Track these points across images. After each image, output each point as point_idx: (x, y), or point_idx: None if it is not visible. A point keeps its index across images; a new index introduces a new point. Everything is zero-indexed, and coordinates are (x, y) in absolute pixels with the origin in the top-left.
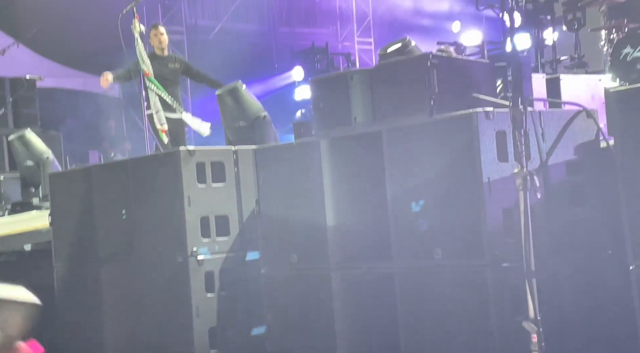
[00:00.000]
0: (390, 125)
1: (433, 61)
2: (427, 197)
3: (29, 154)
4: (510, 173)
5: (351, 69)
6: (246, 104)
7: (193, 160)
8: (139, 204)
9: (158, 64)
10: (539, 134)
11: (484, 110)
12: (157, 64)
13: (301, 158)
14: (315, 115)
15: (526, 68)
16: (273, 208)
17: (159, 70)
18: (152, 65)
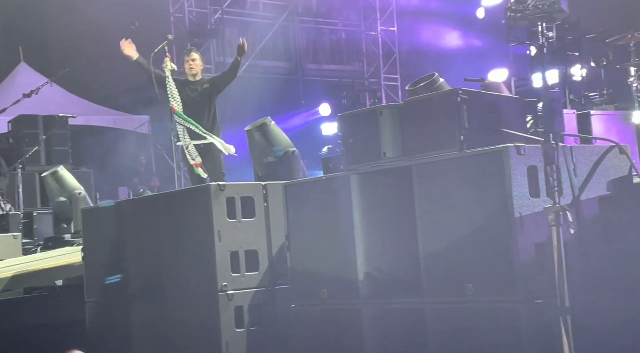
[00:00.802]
0: (420, 160)
1: (463, 96)
2: (458, 232)
3: (61, 190)
4: (542, 208)
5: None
6: (275, 139)
7: (223, 195)
8: (169, 239)
9: (189, 90)
10: (570, 170)
11: (515, 145)
12: (188, 90)
13: (331, 193)
14: (345, 150)
15: (557, 103)
16: (302, 243)
17: (190, 96)
18: (183, 91)
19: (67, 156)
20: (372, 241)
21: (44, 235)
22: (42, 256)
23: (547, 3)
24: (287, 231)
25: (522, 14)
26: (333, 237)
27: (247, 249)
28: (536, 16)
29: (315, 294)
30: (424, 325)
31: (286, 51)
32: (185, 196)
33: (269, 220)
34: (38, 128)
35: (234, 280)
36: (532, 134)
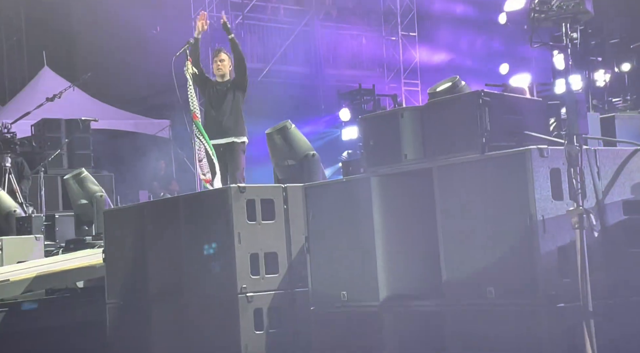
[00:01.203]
0: (441, 162)
1: (485, 98)
2: (479, 235)
3: (83, 193)
4: (565, 211)
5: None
6: (295, 142)
7: (243, 197)
8: (189, 241)
9: (215, 91)
10: (594, 172)
11: (538, 147)
12: (214, 91)
13: (351, 195)
14: (365, 152)
15: (581, 105)
16: (322, 245)
17: (216, 97)
18: (210, 93)
19: (89, 160)
20: (392, 243)
21: (65, 237)
22: (63, 258)
23: (572, 4)
24: (307, 233)
25: (545, 14)
26: (353, 239)
27: (267, 251)
28: (560, 17)
29: (335, 297)
30: (444, 328)
31: (306, 56)
32: (205, 198)
33: (288, 222)
34: (60, 132)
35: (253, 282)
36: (555, 136)
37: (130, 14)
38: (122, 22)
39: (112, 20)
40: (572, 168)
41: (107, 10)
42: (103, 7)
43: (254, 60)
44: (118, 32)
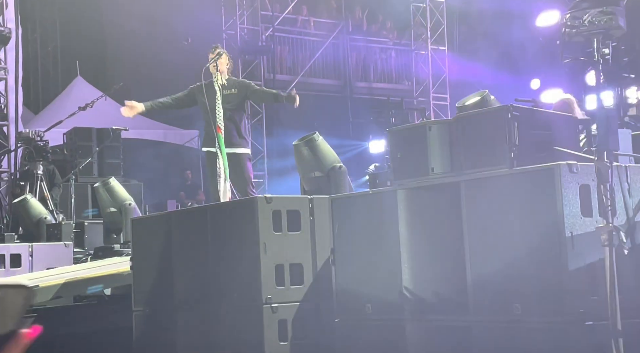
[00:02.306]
0: (469, 176)
1: (514, 113)
2: (506, 250)
3: (112, 201)
4: (594, 228)
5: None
6: (322, 154)
7: (269, 208)
8: (215, 250)
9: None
10: (624, 189)
11: (567, 163)
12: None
13: (377, 207)
14: (393, 165)
15: (612, 121)
16: (348, 257)
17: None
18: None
19: (119, 168)
20: (418, 257)
21: (94, 244)
22: (91, 265)
23: (604, 19)
24: (333, 245)
25: (577, 30)
26: (378, 252)
27: (292, 262)
28: (592, 32)
29: (360, 309)
30: (470, 343)
31: (336, 69)
32: (232, 208)
33: (314, 234)
34: (92, 141)
35: (278, 293)
36: (585, 152)
37: (163, 25)
38: (154, 33)
39: (144, 31)
40: (602, 185)
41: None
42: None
43: (283, 72)
44: (150, 43)
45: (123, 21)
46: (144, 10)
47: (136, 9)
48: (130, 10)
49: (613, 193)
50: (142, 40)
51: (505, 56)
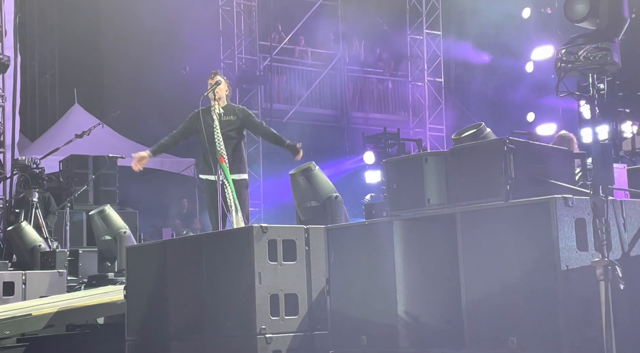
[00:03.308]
0: (465, 208)
1: (510, 146)
2: (502, 283)
3: (107, 229)
4: (590, 262)
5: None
6: (318, 184)
7: (265, 237)
8: (210, 279)
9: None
10: (620, 224)
11: (563, 196)
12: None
13: (373, 238)
14: (389, 196)
15: (607, 156)
16: (343, 288)
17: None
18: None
19: (114, 196)
20: (413, 288)
21: (88, 272)
22: (85, 294)
23: (599, 54)
24: (328, 275)
25: (572, 65)
26: (374, 283)
27: (287, 292)
28: (587, 68)
29: (355, 341)
30: None
31: (333, 99)
32: (227, 237)
33: (310, 264)
34: (88, 168)
35: (273, 324)
36: (580, 186)
37: (161, 54)
38: (152, 61)
39: (142, 59)
40: (598, 219)
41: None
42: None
43: (280, 101)
44: (148, 71)
45: (121, 50)
46: (142, 39)
47: (134, 38)
48: (128, 39)
49: (609, 227)
50: (139, 68)
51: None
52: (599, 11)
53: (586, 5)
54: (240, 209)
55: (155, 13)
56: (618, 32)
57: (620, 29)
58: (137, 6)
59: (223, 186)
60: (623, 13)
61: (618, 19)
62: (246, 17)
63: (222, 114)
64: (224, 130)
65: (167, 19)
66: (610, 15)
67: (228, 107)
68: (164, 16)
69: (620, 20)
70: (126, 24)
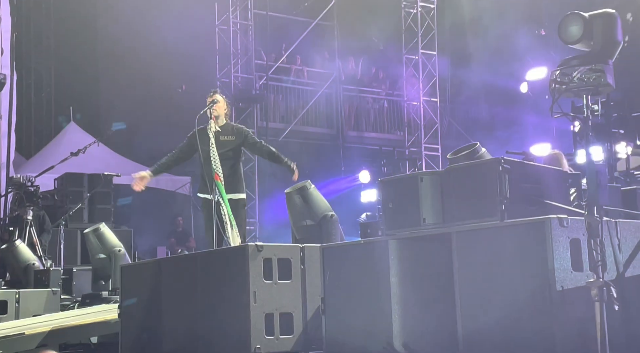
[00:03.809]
0: (460, 228)
1: (505, 166)
2: (497, 303)
3: (102, 247)
4: (584, 283)
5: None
6: (314, 203)
7: (260, 256)
8: (205, 298)
9: (215, 138)
10: (615, 245)
11: (558, 217)
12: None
13: (369, 257)
14: (384, 215)
15: (602, 176)
16: (338, 307)
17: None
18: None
19: (109, 214)
20: (409, 308)
21: (82, 291)
22: (78, 313)
23: (593, 76)
24: (323, 294)
25: (567, 86)
26: (369, 303)
27: (282, 311)
28: (581, 89)
29: None
30: None
31: (328, 118)
32: (222, 256)
33: (305, 283)
34: (83, 186)
35: (267, 343)
36: (575, 206)
37: (158, 73)
38: (148, 80)
39: (139, 78)
40: (593, 239)
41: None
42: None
43: (276, 120)
44: (144, 90)
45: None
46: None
47: (131, 57)
48: (124, 58)
49: (603, 247)
50: (136, 87)
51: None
52: (593, 33)
53: (580, 27)
54: (235, 225)
55: (151, 32)
56: (612, 54)
57: (614, 51)
58: (134, 26)
59: (218, 205)
60: (616, 36)
61: (611, 41)
62: (242, 36)
63: (219, 133)
64: (222, 150)
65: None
66: (603, 37)
67: (226, 126)
68: (161, 35)
69: (614, 43)
70: (122, 43)
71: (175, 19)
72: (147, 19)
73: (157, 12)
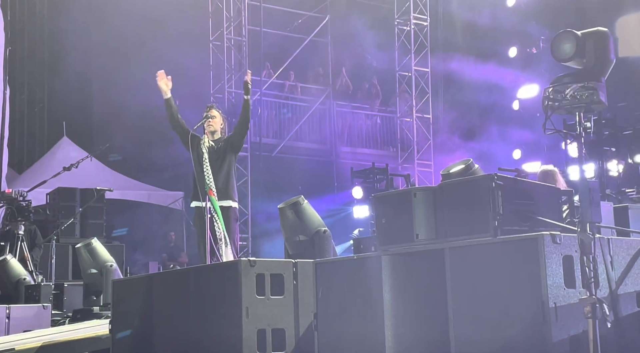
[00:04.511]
0: (453, 243)
1: (498, 182)
2: (490, 319)
3: (93, 262)
4: (577, 300)
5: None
6: (307, 218)
7: (253, 271)
8: (197, 314)
9: (207, 149)
10: (607, 262)
11: (551, 233)
12: (206, 149)
13: (362, 273)
14: (377, 231)
15: (594, 193)
16: (331, 323)
17: (208, 155)
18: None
19: (101, 229)
20: (402, 324)
21: (73, 306)
22: (69, 328)
23: (586, 93)
24: (316, 310)
25: (559, 103)
26: (362, 318)
27: (275, 327)
28: (574, 106)
29: None
30: None
31: (321, 133)
32: (215, 271)
33: (297, 298)
34: (75, 201)
35: None
36: (568, 223)
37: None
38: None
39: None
40: (585, 256)
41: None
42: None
43: (269, 135)
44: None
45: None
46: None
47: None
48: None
49: (596, 264)
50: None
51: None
52: (585, 51)
53: (573, 45)
54: (230, 243)
55: (145, 48)
56: (604, 72)
57: (606, 69)
58: (127, 41)
59: (212, 220)
60: (609, 54)
61: (604, 59)
62: (236, 52)
63: (212, 148)
64: (215, 163)
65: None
66: (596, 55)
67: (219, 140)
68: (154, 51)
69: (606, 61)
70: (116, 58)
71: (170, 34)
72: (141, 35)
73: (152, 27)
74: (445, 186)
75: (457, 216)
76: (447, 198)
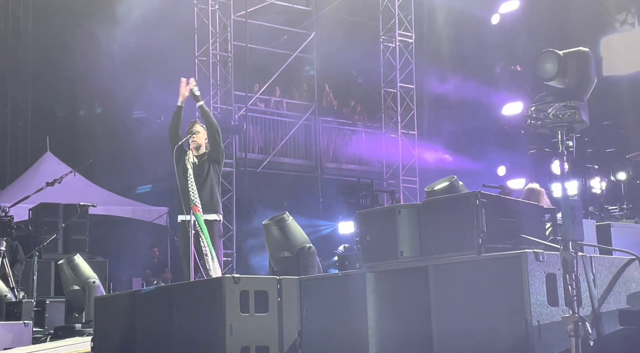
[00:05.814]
0: (437, 261)
1: (482, 200)
2: (473, 337)
3: (76, 278)
4: (560, 318)
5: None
6: (292, 235)
7: (237, 288)
8: (181, 331)
9: (191, 164)
10: (590, 280)
11: (534, 251)
12: (190, 164)
13: (346, 290)
14: (362, 247)
15: (577, 211)
16: (315, 340)
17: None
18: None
19: (84, 245)
20: (386, 340)
21: (55, 323)
22: (50, 346)
23: (568, 113)
24: (301, 327)
25: (542, 122)
26: (347, 335)
27: (259, 345)
28: (556, 125)
29: None
30: None
31: (307, 149)
32: (198, 288)
33: (282, 315)
34: (58, 216)
35: None
36: (551, 241)
37: (135, 103)
38: (125, 111)
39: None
40: (568, 274)
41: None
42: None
43: (255, 151)
44: (121, 119)
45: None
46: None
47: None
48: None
49: (579, 283)
50: (113, 117)
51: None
52: (567, 71)
53: (554, 65)
54: (216, 258)
55: (130, 64)
56: (586, 92)
57: (588, 89)
58: (112, 56)
59: (197, 236)
60: (590, 74)
61: (585, 79)
62: (222, 67)
63: (196, 165)
64: (199, 178)
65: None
66: (578, 75)
67: (203, 155)
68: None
69: (588, 81)
70: (100, 74)
71: (155, 50)
72: (126, 50)
73: (137, 43)
74: (430, 204)
75: (441, 234)
76: (431, 215)
